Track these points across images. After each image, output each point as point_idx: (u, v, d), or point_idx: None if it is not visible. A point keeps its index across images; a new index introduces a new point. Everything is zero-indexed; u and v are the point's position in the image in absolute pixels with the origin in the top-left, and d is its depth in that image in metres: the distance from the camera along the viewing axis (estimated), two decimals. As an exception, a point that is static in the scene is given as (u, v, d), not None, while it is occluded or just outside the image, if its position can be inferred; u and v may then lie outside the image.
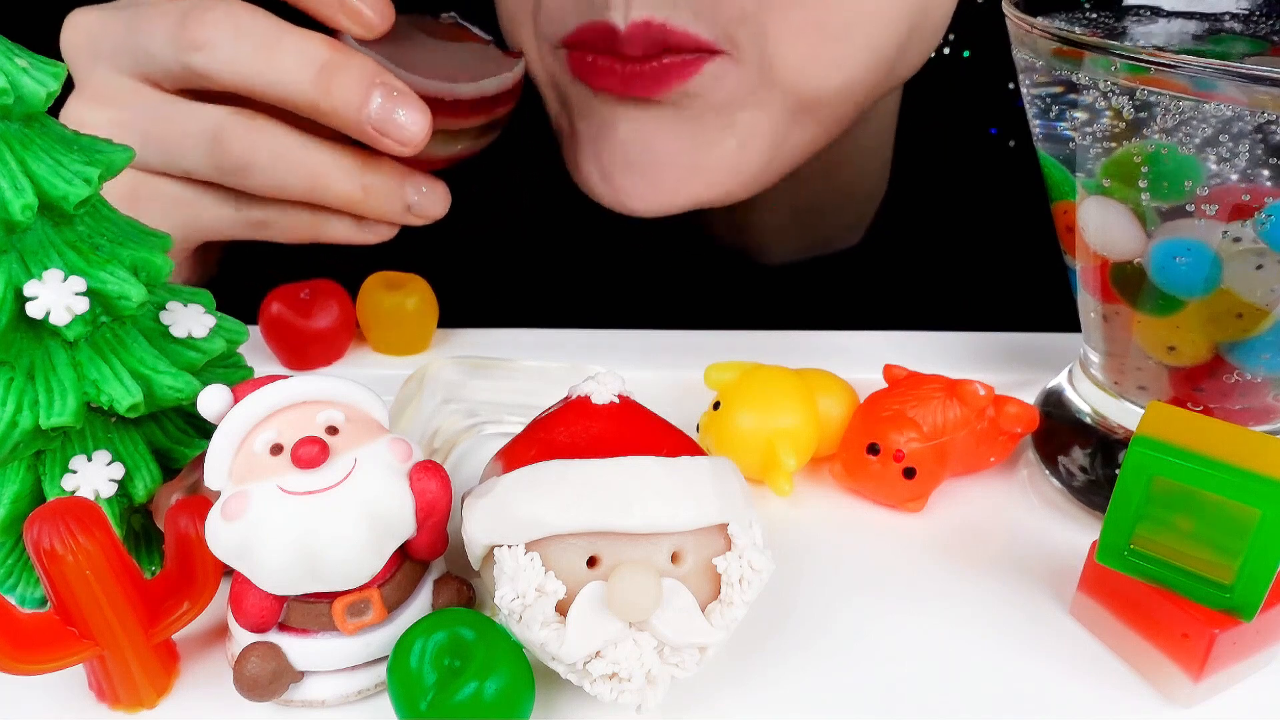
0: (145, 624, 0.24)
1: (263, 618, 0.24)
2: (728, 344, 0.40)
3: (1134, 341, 0.31)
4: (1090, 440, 0.33)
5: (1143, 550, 0.26)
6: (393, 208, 0.36)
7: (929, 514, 0.32)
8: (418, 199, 0.36)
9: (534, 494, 0.24)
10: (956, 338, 0.40)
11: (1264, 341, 0.28)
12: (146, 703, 0.25)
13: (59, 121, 0.25)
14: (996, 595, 0.29)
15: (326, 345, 0.38)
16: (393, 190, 0.36)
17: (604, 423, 0.25)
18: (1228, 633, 0.25)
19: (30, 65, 0.24)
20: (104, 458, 0.26)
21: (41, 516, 0.23)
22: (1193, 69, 0.25)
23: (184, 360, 0.27)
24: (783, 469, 0.31)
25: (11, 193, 0.23)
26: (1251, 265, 0.27)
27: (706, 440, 0.32)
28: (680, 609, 0.23)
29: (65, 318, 0.24)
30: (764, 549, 0.24)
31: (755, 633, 0.27)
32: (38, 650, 0.23)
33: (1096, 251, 0.30)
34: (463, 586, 0.27)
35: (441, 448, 0.33)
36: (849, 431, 0.33)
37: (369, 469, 0.24)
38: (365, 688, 0.26)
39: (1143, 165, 0.27)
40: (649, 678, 0.23)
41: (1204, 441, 0.24)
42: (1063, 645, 0.28)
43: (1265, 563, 0.24)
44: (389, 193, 0.36)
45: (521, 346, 0.39)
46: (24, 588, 0.28)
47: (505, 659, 0.23)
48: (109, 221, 0.26)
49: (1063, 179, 0.30)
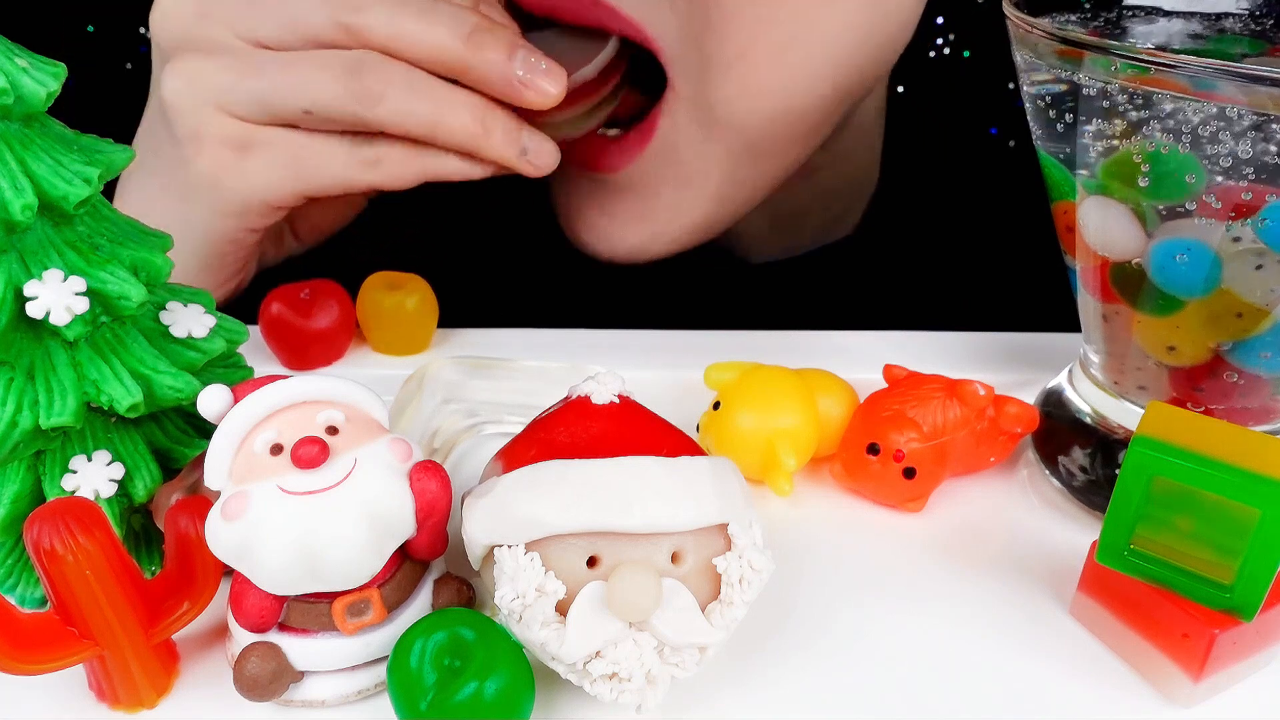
0: (145, 624, 0.24)
1: (263, 618, 0.24)
2: (728, 344, 0.40)
3: (1134, 341, 0.31)
4: (1090, 440, 0.33)
5: (1143, 550, 0.26)
6: (510, 149, 0.38)
7: (929, 514, 0.32)
8: (533, 146, 0.38)
9: (534, 494, 0.24)
10: (956, 338, 0.40)
11: (1264, 341, 0.28)
12: (146, 703, 0.25)
13: (60, 123, 0.25)
14: (996, 595, 0.29)
15: (326, 345, 0.38)
16: (512, 131, 0.38)
17: (604, 423, 0.25)
18: (1228, 633, 0.25)
19: (30, 65, 0.24)
20: (104, 458, 0.26)
21: (41, 516, 0.23)
22: (1193, 69, 0.25)
23: (184, 360, 0.27)
24: (783, 469, 0.31)
25: (11, 193, 0.23)
26: (1251, 265, 0.27)
27: (706, 440, 0.32)
28: (680, 609, 0.23)
29: (65, 318, 0.24)
30: (764, 549, 0.24)
31: (755, 633, 0.27)
32: (38, 650, 0.23)
33: (1096, 251, 0.30)
34: (463, 586, 0.27)
35: (441, 448, 0.33)
36: (849, 431, 0.33)
37: (369, 469, 0.24)
38: (365, 688, 0.26)
39: (1143, 165, 0.27)
40: (649, 678, 0.23)
41: (1204, 441, 0.24)
42: (1063, 645, 0.28)
43: (1265, 563, 0.24)
44: (508, 132, 0.38)
45: (521, 346, 0.39)
46: (24, 588, 0.28)
47: (505, 659, 0.23)
48: (109, 221, 0.26)
49: (1063, 179, 0.30)
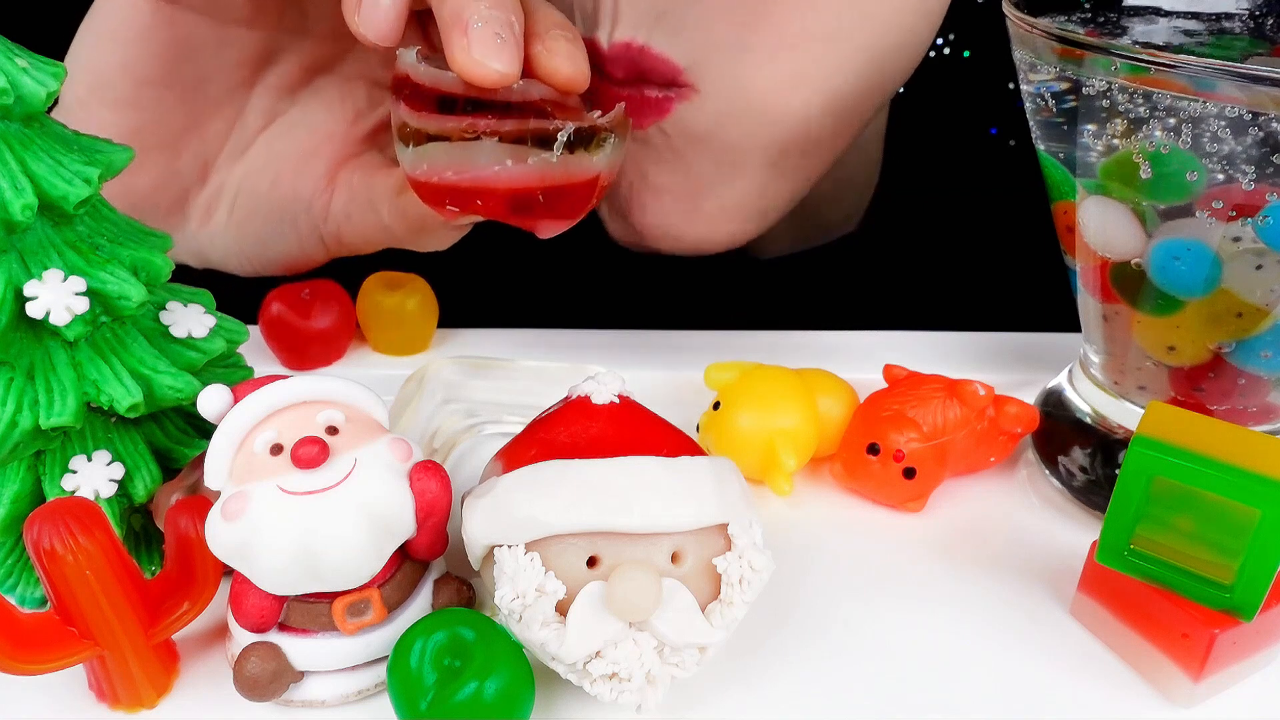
0: (145, 624, 0.24)
1: (263, 618, 0.24)
2: (728, 344, 0.40)
3: (1134, 341, 0.31)
4: (1090, 440, 0.33)
5: (1143, 550, 0.26)
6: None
7: (929, 514, 0.32)
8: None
9: (534, 494, 0.24)
10: (956, 338, 0.40)
11: (1264, 341, 0.28)
12: (146, 703, 0.25)
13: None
14: (996, 595, 0.29)
15: (326, 345, 0.38)
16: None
17: (604, 423, 0.25)
18: (1228, 633, 0.25)
19: (30, 65, 0.24)
20: (104, 458, 0.26)
21: (41, 516, 0.23)
22: (1193, 69, 0.25)
23: (184, 360, 0.27)
24: (783, 469, 0.31)
25: (11, 193, 0.23)
26: (1251, 265, 0.27)
27: (706, 440, 0.32)
28: (680, 609, 0.23)
29: (65, 318, 0.24)
30: (764, 549, 0.24)
31: (755, 633, 0.27)
32: (38, 650, 0.23)
33: (1096, 251, 0.30)
34: (463, 586, 0.27)
35: (441, 448, 0.33)
36: (849, 431, 0.33)
37: (369, 469, 0.24)
38: (365, 688, 0.26)
39: (1143, 165, 0.27)
40: (649, 678, 0.23)
41: (1204, 441, 0.24)
42: (1063, 645, 0.28)
43: (1265, 563, 0.24)
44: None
45: (521, 346, 0.39)
46: (24, 588, 0.28)
47: (505, 659, 0.23)
48: (109, 221, 0.26)
49: (1063, 179, 0.30)
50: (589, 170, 0.31)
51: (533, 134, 0.30)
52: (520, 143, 0.30)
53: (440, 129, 0.30)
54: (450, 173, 0.30)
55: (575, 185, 0.31)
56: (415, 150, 0.30)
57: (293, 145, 0.38)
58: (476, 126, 0.29)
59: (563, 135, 0.30)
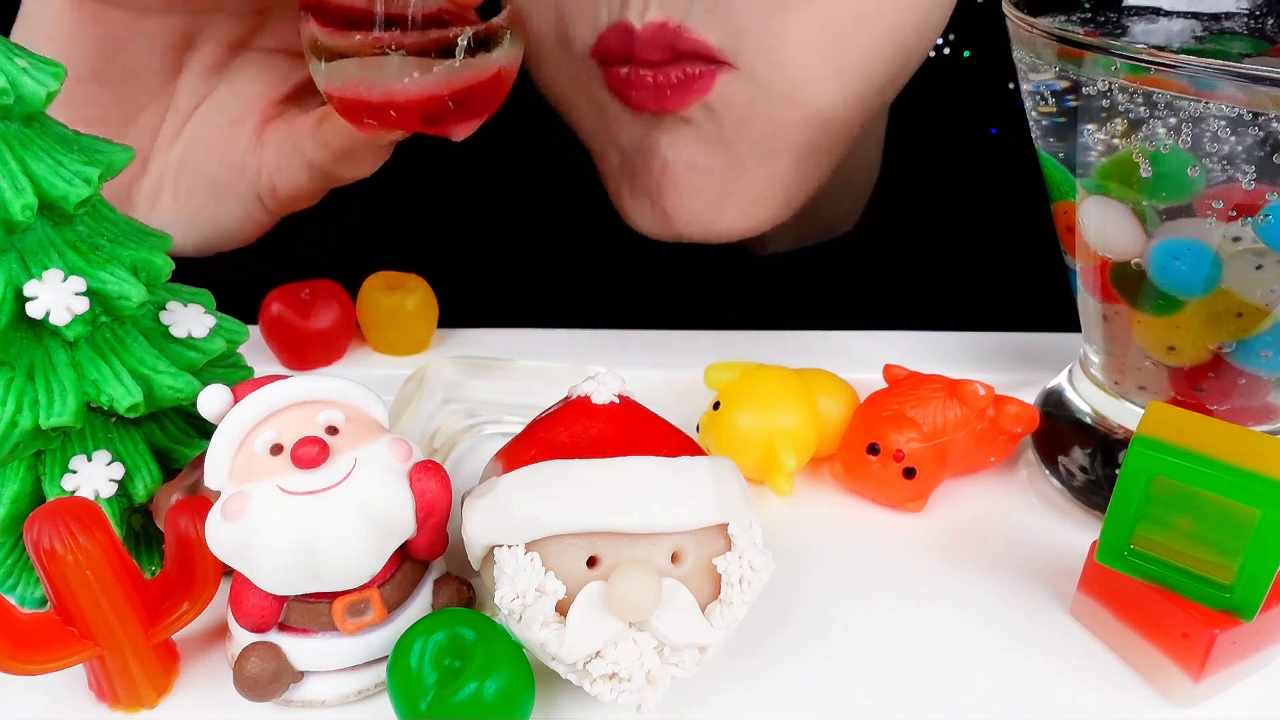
0: (145, 624, 0.24)
1: (263, 618, 0.24)
2: (728, 344, 0.40)
3: (1134, 341, 0.31)
4: (1090, 440, 0.33)
5: (1143, 550, 0.26)
6: None
7: (929, 514, 0.32)
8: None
9: (534, 494, 0.24)
10: (956, 338, 0.40)
11: (1264, 341, 0.28)
12: (146, 703, 0.25)
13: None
14: (996, 595, 0.29)
15: (326, 345, 0.38)
16: None
17: (604, 423, 0.25)
18: (1228, 633, 0.25)
19: (30, 65, 0.24)
20: (104, 458, 0.26)
21: (41, 516, 0.23)
22: (1193, 69, 0.25)
23: (184, 360, 0.27)
24: (783, 469, 0.31)
25: (11, 193, 0.23)
26: (1251, 265, 0.27)
27: (706, 440, 0.32)
28: (680, 609, 0.23)
29: (65, 318, 0.24)
30: (764, 549, 0.24)
31: (755, 633, 0.27)
32: (38, 650, 0.23)
33: (1096, 251, 0.30)
34: (463, 586, 0.27)
35: (441, 448, 0.33)
36: (849, 431, 0.33)
37: (369, 469, 0.24)
38: (365, 688, 0.26)
39: (1143, 164, 0.27)
40: (649, 678, 0.23)
41: (1204, 441, 0.24)
42: (1063, 645, 0.28)
43: (1265, 563, 0.24)
44: None
45: (521, 346, 0.39)
46: (24, 588, 0.28)
47: (505, 659, 0.23)
48: (109, 221, 0.26)
49: (1063, 179, 0.30)
50: (490, 67, 0.33)
51: (435, 45, 0.32)
52: (425, 55, 0.32)
53: (348, 45, 0.32)
54: (362, 89, 0.32)
55: (480, 84, 0.33)
56: (328, 66, 0.32)
57: (222, 117, 0.39)
58: (382, 41, 0.31)
59: (462, 40, 0.32)
